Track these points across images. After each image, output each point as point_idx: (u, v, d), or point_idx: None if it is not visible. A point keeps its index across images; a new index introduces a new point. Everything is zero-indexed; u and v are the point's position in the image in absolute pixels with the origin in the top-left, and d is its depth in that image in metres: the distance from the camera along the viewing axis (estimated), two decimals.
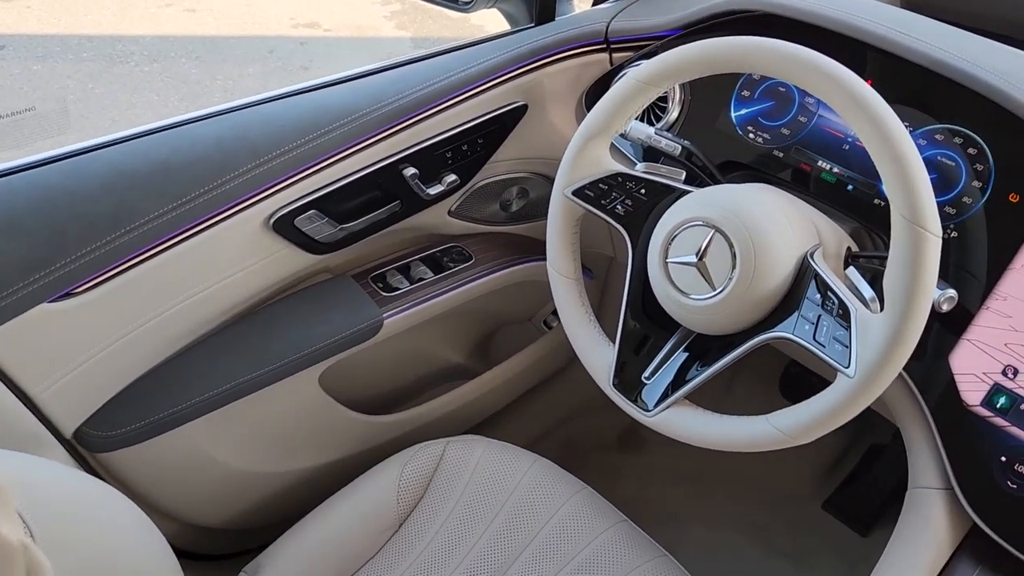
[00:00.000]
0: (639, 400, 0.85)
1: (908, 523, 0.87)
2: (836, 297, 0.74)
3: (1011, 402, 0.82)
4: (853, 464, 1.60)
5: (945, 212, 0.87)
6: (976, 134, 0.87)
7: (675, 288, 0.81)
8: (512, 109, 1.11)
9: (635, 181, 0.88)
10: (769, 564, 1.48)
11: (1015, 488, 0.81)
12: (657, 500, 1.58)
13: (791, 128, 0.98)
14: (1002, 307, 0.83)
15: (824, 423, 0.74)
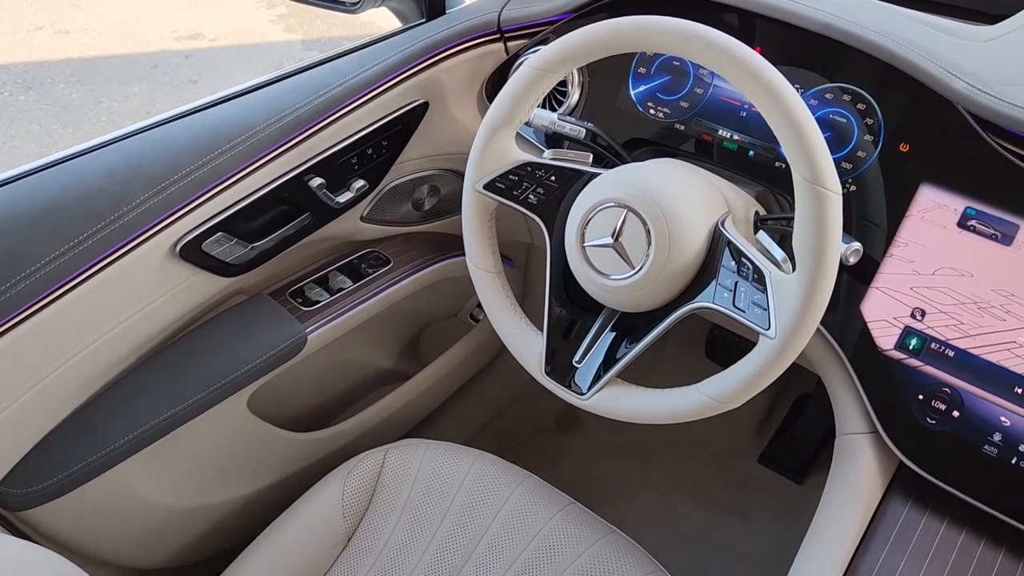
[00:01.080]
0: (573, 385, 0.86)
1: (840, 469, 0.91)
2: (750, 262, 0.76)
3: (922, 343, 0.86)
4: (783, 416, 1.66)
5: (842, 168, 0.91)
6: (864, 90, 0.90)
7: (595, 271, 0.81)
8: (413, 108, 1.10)
9: (544, 169, 0.89)
10: (715, 523, 1.53)
11: (934, 423, 0.85)
12: (601, 477, 1.60)
13: (689, 100, 1.00)
14: (904, 253, 0.87)
15: (752, 386, 0.76)
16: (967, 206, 0.85)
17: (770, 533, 1.50)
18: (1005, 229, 0.84)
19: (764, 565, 1.46)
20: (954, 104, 0.86)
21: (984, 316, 0.84)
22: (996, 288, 0.83)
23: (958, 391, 0.84)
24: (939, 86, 0.86)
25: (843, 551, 0.83)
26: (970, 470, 0.84)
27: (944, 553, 0.83)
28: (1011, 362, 0.82)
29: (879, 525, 0.86)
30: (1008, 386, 0.82)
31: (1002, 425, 0.83)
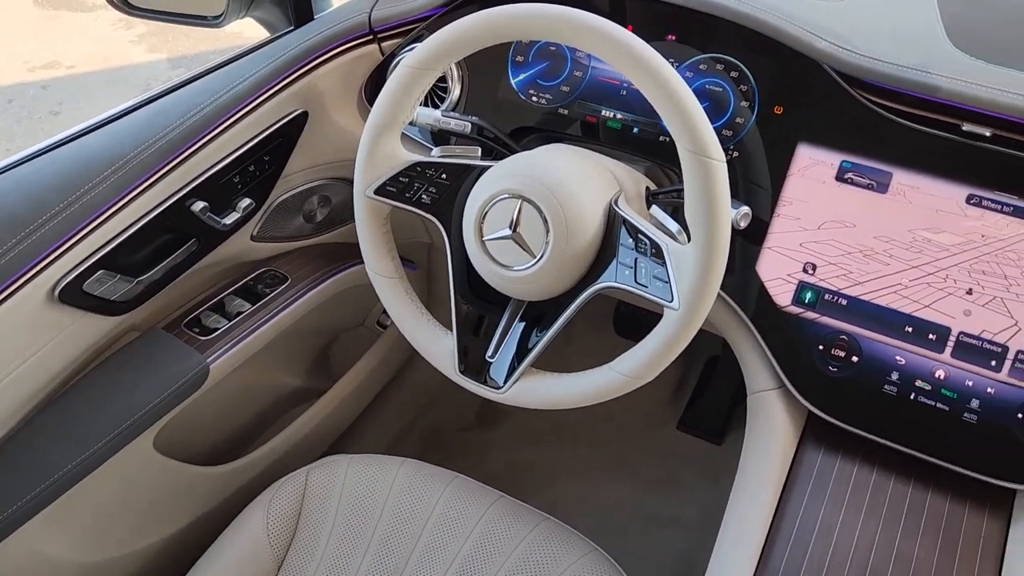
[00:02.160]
0: (488, 380, 0.86)
1: (754, 427, 0.94)
2: (646, 237, 0.78)
3: (816, 295, 0.89)
4: (695, 381, 1.70)
5: (723, 135, 0.93)
6: (735, 59, 0.93)
7: (497, 263, 0.81)
8: (292, 119, 1.07)
9: (434, 167, 0.88)
10: (643, 496, 1.56)
11: (836, 371, 0.89)
12: (528, 465, 1.61)
13: (569, 84, 1.00)
14: (790, 211, 0.90)
15: (663, 358, 0.77)
16: (843, 160, 0.89)
17: (698, 496, 1.54)
18: (879, 178, 0.87)
19: (696, 528, 1.49)
20: (820, 64, 0.90)
21: (870, 263, 0.88)
22: (878, 235, 0.87)
23: (855, 337, 0.88)
24: (804, 47, 0.89)
25: (767, 506, 0.86)
26: (874, 411, 0.88)
27: (860, 493, 0.87)
28: (899, 303, 0.87)
29: (797, 475, 0.89)
30: (899, 326, 0.86)
31: (898, 364, 0.87)
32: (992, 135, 0.84)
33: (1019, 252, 0.83)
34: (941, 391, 0.85)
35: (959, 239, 0.85)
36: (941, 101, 0.85)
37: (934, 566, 0.81)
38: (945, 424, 0.85)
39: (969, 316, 0.84)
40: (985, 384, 0.84)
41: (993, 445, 0.84)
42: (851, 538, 0.83)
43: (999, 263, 0.84)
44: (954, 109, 0.85)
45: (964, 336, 0.84)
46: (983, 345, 0.84)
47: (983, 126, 0.84)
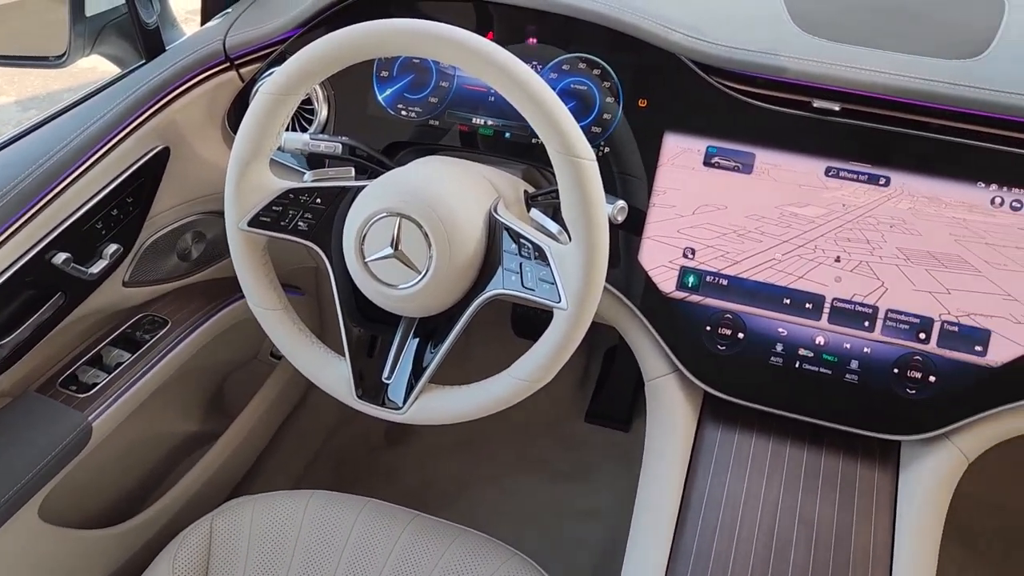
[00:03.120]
0: (387, 402, 0.85)
1: (655, 413, 0.96)
2: (528, 241, 0.78)
3: (698, 279, 0.92)
4: (598, 372, 1.73)
5: (592, 132, 0.95)
6: (596, 56, 0.95)
7: (382, 283, 0.80)
8: (153, 156, 1.02)
9: (307, 193, 0.86)
10: (559, 491, 1.57)
11: (724, 349, 0.92)
12: (442, 478, 1.60)
13: (437, 95, 1.00)
14: (665, 200, 0.93)
15: (558, 358, 0.78)
16: (708, 145, 0.92)
17: (612, 485, 1.57)
18: (744, 160, 0.91)
19: (612, 517, 1.52)
20: (676, 55, 0.92)
21: (745, 242, 0.91)
22: (748, 214, 0.91)
23: (738, 315, 0.91)
24: (659, 41, 0.92)
25: (674, 487, 0.88)
26: (764, 383, 0.91)
27: (760, 463, 0.90)
28: (776, 277, 0.90)
29: (700, 454, 0.91)
30: (778, 300, 0.90)
31: (781, 336, 0.91)
32: (841, 109, 0.88)
33: (878, 217, 0.88)
34: (823, 356, 0.90)
35: (823, 210, 0.89)
36: (791, 81, 0.89)
37: (835, 523, 0.85)
38: (830, 387, 0.89)
39: (840, 282, 0.89)
40: (862, 345, 0.89)
41: (875, 402, 0.88)
42: (756, 506, 0.86)
43: (861, 229, 0.88)
44: (804, 88, 0.89)
45: (838, 302, 0.89)
46: (855, 308, 0.88)
47: (832, 101, 0.88)
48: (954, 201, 0.86)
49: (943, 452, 0.87)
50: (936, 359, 0.87)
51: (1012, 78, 0.85)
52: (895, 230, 0.87)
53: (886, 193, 0.88)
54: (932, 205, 0.86)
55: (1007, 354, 0.85)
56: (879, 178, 0.88)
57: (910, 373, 0.87)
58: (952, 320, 0.86)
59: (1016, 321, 0.85)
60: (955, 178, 0.86)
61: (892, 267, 0.87)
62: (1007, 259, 0.85)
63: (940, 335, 0.87)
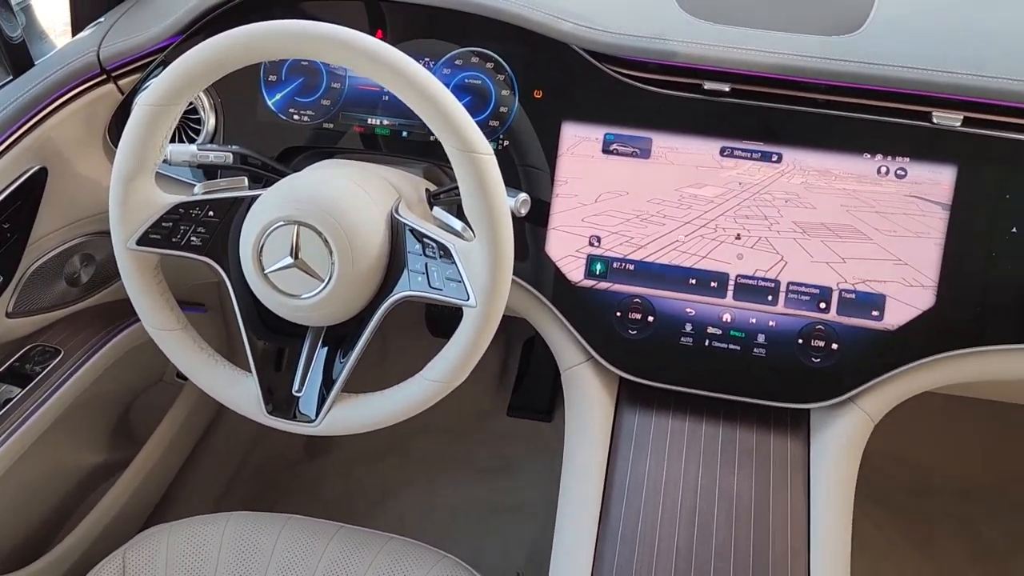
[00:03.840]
0: (299, 415, 0.82)
1: (573, 402, 0.96)
2: (432, 241, 0.77)
3: (606, 266, 0.93)
4: (517, 364, 1.73)
5: (491, 126, 0.94)
6: (489, 49, 0.94)
7: (284, 294, 0.78)
8: (29, 177, 0.97)
9: (199, 206, 0.82)
10: (486, 488, 1.57)
11: (635, 333, 0.93)
12: (367, 486, 1.57)
13: (330, 97, 0.98)
14: (567, 190, 0.93)
15: (471, 357, 0.77)
16: (606, 133, 0.92)
17: (538, 477, 1.57)
18: (641, 145, 0.92)
19: (541, 508, 1.52)
20: (568, 45, 0.92)
21: (648, 226, 0.92)
22: (650, 198, 0.92)
23: (647, 299, 0.92)
24: (549, 31, 0.92)
25: (596, 475, 0.89)
26: (676, 363, 0.93)
27: (678, 442, 0.91)
28: (680, 259, 0.92)
29: (619, 438, 0.92)
30: (683, 280, 0.92)
31: (689, 316, 0.92)
32: (731, 90, 0.90)
33: (773, 193, 0.90)
34: (731, 333, 0.91)
35: (720, 190, 0.91)
36: (682, 65, 0.90)
37: (753, 494, 0.87)
38: (739, 362, 0.91)
39: (742, 259, 0.91)
40: (767, 319, 0.91)
41: (782, 373, 0.91)
42: (677, 485, 0.87)
43: (758, 206, 0.90)
44: (694, 71, 0.91)
45: (741, 278, 0.91)
46: (758, 284, 0.90)
47: (722, 83, 0.90)
48: (843, 173, 0.89)
49: (850, 416, 0.90)
50: (837, 327, 0.90)
51: (887, 51, 0.88)
52: (790, 205, 0.90)
53: (779, 169, 0.90)
54: (823, 178, 0.89)
55: (902, 317, 0.88)
56: (771, 155, 0.90)
57: (814, 342, 0.90)
58: (849, 288, 0.89)
59: (908, 284, 0.88)
60: (842, 151, 0.88)
61: (790, 241, 0.90)
62: (896, 225, 0.88)
63: (839, 303, 0.89)
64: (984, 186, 0.86)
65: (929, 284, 0.88)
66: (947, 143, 0.87)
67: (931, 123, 0.87)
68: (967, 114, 0.87)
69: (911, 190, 0.88)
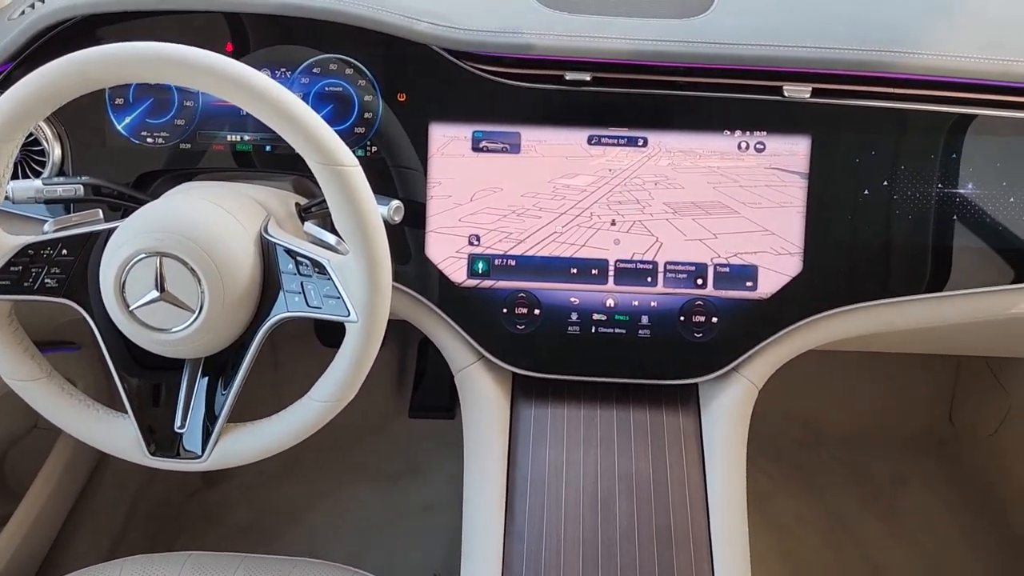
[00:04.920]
0: (184, 452, 0.79)
1: (469, 403, 0.96)
2: (306, 258, 0.75)
3: (488, 263, 0.93)
4: (414, 364, 1.72)
5: (357, 133, 0.92)
6: (346, 55, 0.92)
7: (154, 330, 0.74)
8: None
9: (51, 245, 0.77)
10: (396, 492, 1.55)
11: (523, 328, 0.93)
12: (273, 506, 1.53)
13: (184, 117, 0.93)
14: (441, 191, 0.92)
15: (358, 373, 0.76)
16: (474, 131, 0.92)
17: (447, 475, 1.57)
18: (510, 140, 0.92)
19: (453, 505, 1.52)
20: (426, 45, 0.91)
21: (525, 220, 0.92)
22: (524, 192, 0.92)
23: (532, 292, 0.93)
24: (405, 32, 0.90)
25: (498, 474, 0.89)
26: (566, 353, 0.94)
27: (575, 430, 0.93)
28: (560, 250, 0.92)
29: (517, 433, 0.93)
30: (565, 271, 0.92)
31: (574, 305, 0.93)
32: (592, 78, 0.91)
33: (643, 177, 0.92)
34: (615, 317, 0.93)
35: (592, 178, 0.92)
36: (541, 57, 0.91)
37: (651, 473, 0.89)
38: (626, 345, 0.93)
39: (619, 244, 0.92)
40: (648, 300, 0.93)
41: (668, 351, 0.93)
42: (578, 474, 0.89)
43: (630, 190, 0.92)
44: (554, 62, 0.91)
45: (620, 263, 0.92)
46: (637, 266, 0.92)
47: (582, 72, 0.91)
48: (706, 151, 0.91)
49: (735, 386, 0.94)
50: (715, 301, 0.92)
51: (736, 29, 0.91)
52: (660, 187, 0.92)
53: (646, 153, 0.92)
54: (688, 158, 0.91)
55: (774, 285, 0.92)
56: (637, 140, 0.92)
57: (695, 318, 0.93)
58: (723, 262, 0.92)
59: (777, 253, 0.92)
60: (703, 130, 0.91)
61: (663, 222, 0.92)
62: (760, 197, 0.92)
63: (715, 278, 0.92)
64: (836, 153, 0.91)
65: (796, 251, 0.91)
66: (800, 115, 0.91)
67: (783, 97, 0.90)
68: (815, 85, 0.90)
69: (771, 162, 0.91)
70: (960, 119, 0.90)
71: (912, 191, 0.91)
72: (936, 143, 0.91)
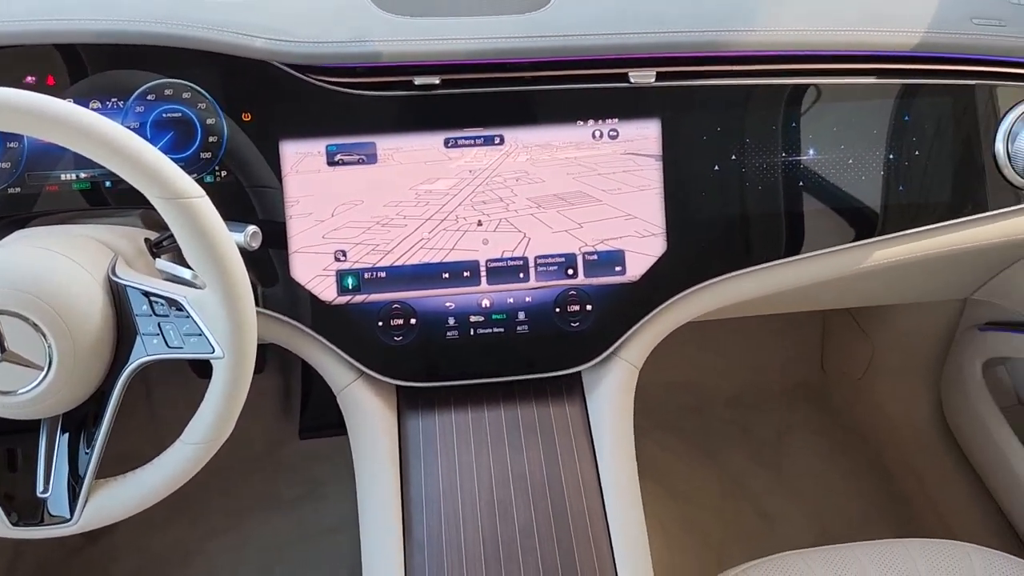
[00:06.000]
0: (50, 517, 0.74)
1: (354, 422, 0.94)
2: (160, 297, 0.71)
3: (357, 278, 0.91)
4: (300, 385, 1.67)
5: (203, 159, 0.88)
6: (182, 79, 0.87)
7: (2, 395, 0.69)
8: None
9: None
10: (296, 516, 1.51)
11: (401, 339, 0.92)
12: (163, 550, 1.46)
13: (9, 159, 0.87)
14: (301, 209, 0.90)
15: (231, 410, 0.73)
16: (327, 144, 0.89)
17: (348, 492, 1.53)
18: (365, 151, 0.90)
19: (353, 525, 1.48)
20: (267, 62, 0.88)
21: (391, 230, 0.91)
22: (386, 202, 0.90)
23: (406, 302, 0.92)
24: (242, 51, 0.87)
25: (392, 489, 0.87)
26: (448, 359, 0.93)
27: (464, 436, 0.92)
28: (430, 256, 0.92)
29: (407, 445, 0.92)
30: (436, 276, 0.92)
31: (450, 310, 0.93)
32: (441, 81, 0.90)
33: (504, 175, 0.92)
34: (492, 317, 0.93)
35: (453, 181, 0.91)
36: (388, 64, 0.89)
37: (544, 467, 0.89)
38: (506, 344, 0.93)
39: (488, 244, 0.92)
40: (523, 296, 0.93)
41: (548, 344, 0.94)
42: (472, 480, 0.88)
43: (492, 189, 0.92)
44: (402, 68, 0.90)
45: (491, 263, 0.92)
46: (508, 264, 0.92)
47: (431, 76, 0.90)
48: (562, 143, 0.92)
49: (616, 369, 0.95)
50: (588, 289, 0.94)
51: (577, 20, 0.92)
52: (521, 182, 0.92)
53: (503, 150, 0.92)
54: (545, 152, 0.92)
55: (642, 267, 0.94)
56: (493, 138, 0.92)
57: (570, 308, 0.94)
58: (591, 250, 0.93)
59: (642, 236, 0.94)
60: (557, 122, 0.92)
61: (528, 217, 0.92)
62: (619, 183, 0.93)
63: (585, 267, 0.94)
64: (685, 133, 0.93)
65: (659, 232, 0.94)
66: (647, 99, 0.93)
67: (629, 83, 0.92)
68: (659, 69, 0.93)
69: (626, 148, 0.93)
70: (795, 90, 0.95)
71: (759, 162, 0.95)
72: (776, 115, 0.95)
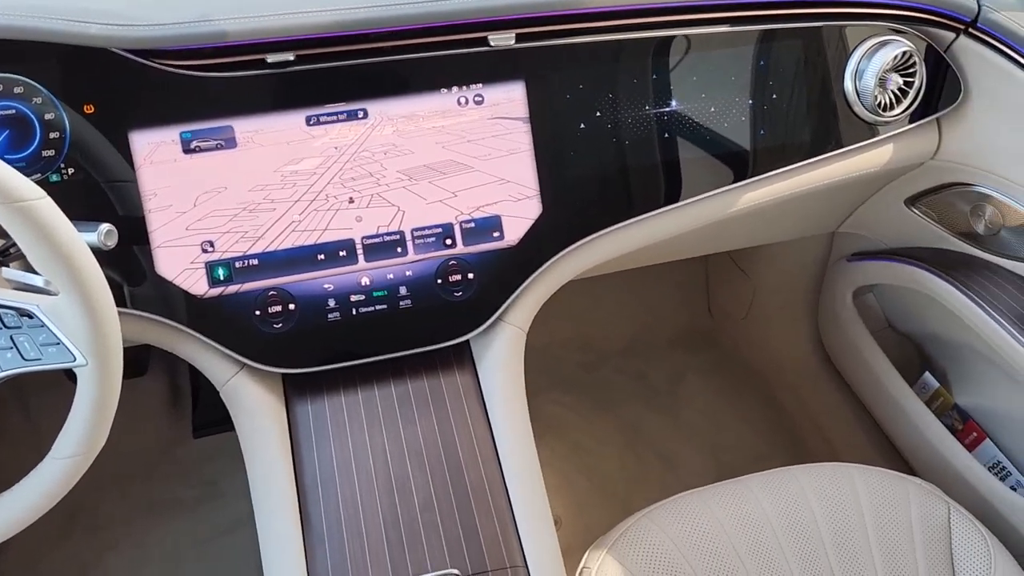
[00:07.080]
0: None
1: (241, 416, 0.91)
2: (9, 308, 0.67)
3: (228, 268, 0.88)
4: (188, 383, 1.62)
5: (46, 158, 0.83)
6: (11, 73, 0.81)
7: None
8: None
9: None
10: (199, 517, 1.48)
11: (281, 326, 0.90)
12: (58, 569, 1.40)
13: None
14: (160, 202, 0.85)
15: (103, 417, 0.70)
16: (180, 132, 0.85)
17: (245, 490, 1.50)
18: (223, 135, 0.86)
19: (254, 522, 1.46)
20: (105, 49, 0.83)
21: (259, 215, 0.88)
22: (251, 187, 0.87)
23: (282, 288, 0.89)
24: (77, 38, 0.81)
25: (285, 480, 0.86)
26: (332, 342, 0.92)
27: (356, 417, 0.91)
28: (303, 238, 0.89)
29: (299, 434, 0.90)
30: (311, 259, 0.90)
31: (329, 291, 0.91)
32: (296, 57, 0.87)
33: (371, 149, 0.90)
34: (373, 294, 0.92)
35: (318, 159, 0.89)
36: (237, 43, 0.85)
37: (440, 440, 0.89)
38: (391, 320, 0.92)
39: (361, 221, 0.90)
40: (403, 270, 0.92)
41: (433, 316, 0.93)
42: (367, 460, 0.88)
43: (361, 165, 0.90)
44: (252, 46, 0.86)
45: (366, 240, 0.91)
46: (384, 240, 0.91)
47: (284, 52, 0.87)
48: (428, 112, 0.91)
49: (503, 334, 0.96)
50: (468, 257, 0.93)
51: None
52: (390, 156, 0.91)
53: (369, 124, 0.90)
54: (412, 122, 0.91)
55: (520, 231, 0.94)
56: (357, 112, 0.89)
57: (451, 278, 0.93)
58: (467, 218, 0.93)
59: (516, 200, 0.94)
60: (421, 92, 0.90)
61: (401, 191, 0.91)
62: (489, 149, 0.93)
63: (463, 235, 0.93)
64: (549, 93, 0.93)
65: (533, 194, 0.94)
66: (509, 62, 0.92)
67: (490, 47, 0.91)
68: (519, 31, 0.92)
69: (492, 112, 0.93)
70: (654, 43, 0.96)
71: (624, 117, 0.96)
72: (637, 68, 0.96)
